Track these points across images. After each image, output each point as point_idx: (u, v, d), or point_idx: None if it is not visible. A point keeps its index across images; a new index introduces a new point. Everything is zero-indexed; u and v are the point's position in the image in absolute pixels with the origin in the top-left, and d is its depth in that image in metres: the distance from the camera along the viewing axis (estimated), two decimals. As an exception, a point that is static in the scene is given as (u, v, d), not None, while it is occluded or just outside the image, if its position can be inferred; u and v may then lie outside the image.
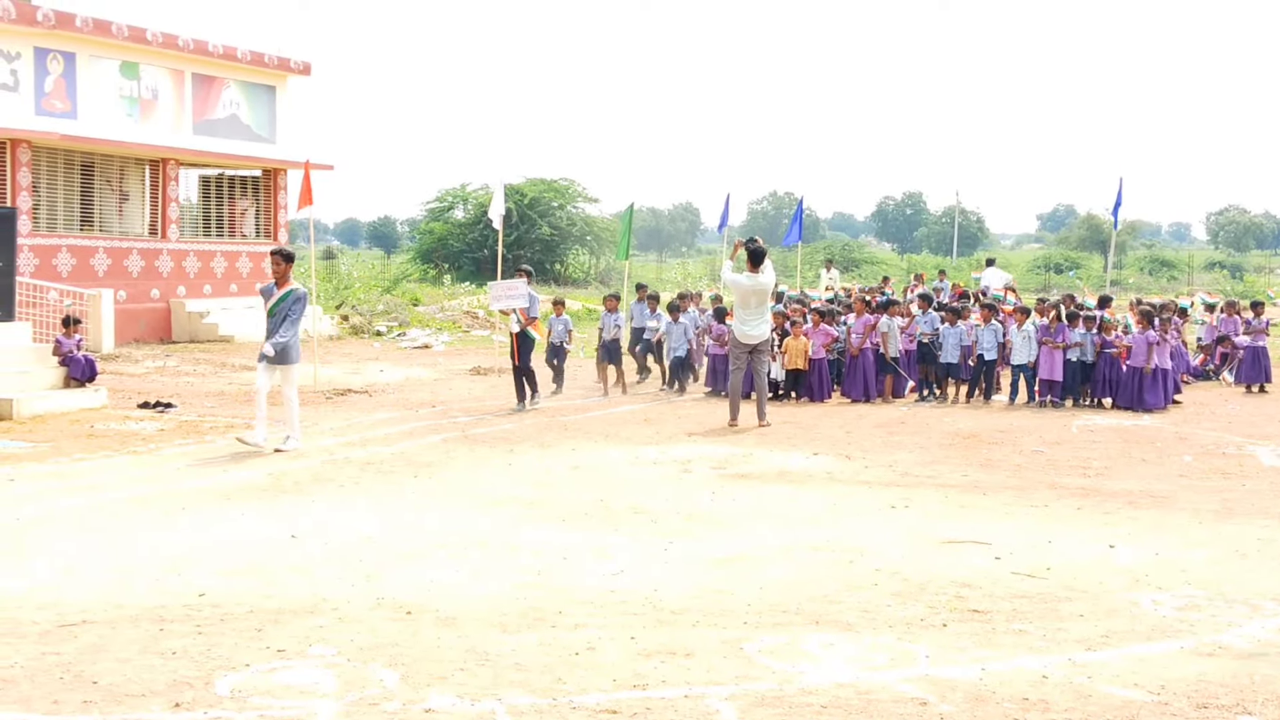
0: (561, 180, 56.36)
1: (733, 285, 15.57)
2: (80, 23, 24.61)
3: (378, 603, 7.11)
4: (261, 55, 29.16)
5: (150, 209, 27.96)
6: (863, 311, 18.53)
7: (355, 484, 10.97)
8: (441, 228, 54.37)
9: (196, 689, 5.62)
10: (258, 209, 30.46)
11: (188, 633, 6.46)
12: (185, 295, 27.56)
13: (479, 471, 11.71)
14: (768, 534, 9.10)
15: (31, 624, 6.58)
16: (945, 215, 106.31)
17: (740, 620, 6.86)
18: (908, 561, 8.26)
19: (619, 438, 13.98)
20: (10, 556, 8.12)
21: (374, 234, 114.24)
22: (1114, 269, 48.68)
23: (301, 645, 6.28)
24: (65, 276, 24.16)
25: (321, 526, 9.14)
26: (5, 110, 23.45)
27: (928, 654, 6.30)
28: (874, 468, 12.19)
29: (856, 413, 16.69)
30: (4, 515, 9.38)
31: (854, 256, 65.59)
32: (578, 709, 5.46)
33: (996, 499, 10.61)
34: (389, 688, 5.69)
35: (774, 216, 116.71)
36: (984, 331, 17.76)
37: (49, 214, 25.28)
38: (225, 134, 28.58)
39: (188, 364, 21.92)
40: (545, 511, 9.86)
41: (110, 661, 5.98)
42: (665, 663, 6.09)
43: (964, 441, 14.02)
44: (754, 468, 12.13)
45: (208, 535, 8.82)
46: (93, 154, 26.19)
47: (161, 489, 10.55)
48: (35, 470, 11.40)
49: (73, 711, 5.33)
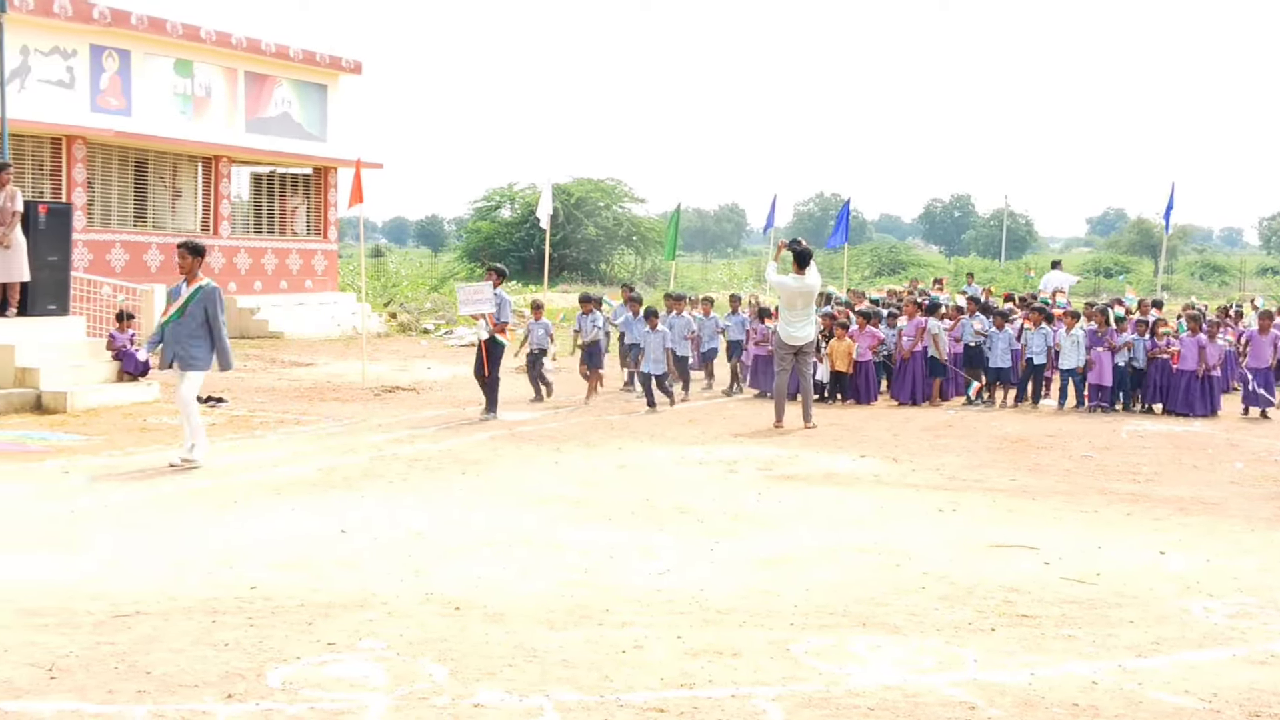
0: (608, 180, 56.50)
1: (778, 287, 15.55)
2: (135, 20, 24.90)
3: (426, 598, 7.16)
4: (314, 54, 29.40)
5: (202, 206, 28.28)
6: (914, 314, 18.44)
7: (404, 480, 11.04)
8: (489, 227, 54.61)
9: (248, 680, 5.68)
10: (308, 207, 30.72)
11: (239, 625, 6.53)
12: (236, 291, 27.82)
13: (526, 469, 11.75)
14: (814, 535, 9.08)
15: (86, 614, 6.67)
16: (994, 218, 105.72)
17: (787, 621, 6.85)
18: (955, 565, 8.23)
19: (665, 438, 13.99)
20: (65, 548, 8.23)
21: (421, 232, 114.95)
22: (1165, 274, 48.23)
23: (351, 639, 6.34)
24: (119, 272, 24.45)
25: (370, 522, 9.21)
26: (61, 107, 23.78)
27: (976, 658, 6.27)
28: (921, 471, 12.14)
29: (904, 415, 16.63)
30: (59, 507, 9.51)
31: (900, 259, 65.33)
32: (625, 707, 5.48)
33: (1045, 504, 10.54)
34: (438, 682, 5.73)
35: (820, 218, 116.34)
36: (1033, 335, 17.64)
37: (103, 210, 25.62)
38: (277, 132, 28.85)
39: (238, 359, 22.06)
40: (591, 510, 9.89)
41: (164, 652, 6.05)
42: (712, 662, 6.10)
43: (1012, 446, 13.93)
44: (800, 469, 12.11)
45: (259, 529, 8.91)
46: (146, 151, 26.51)
47: (213, 482, 10.66)
48: (89, 463, 11.54)
49: (127, 701, 5.40)
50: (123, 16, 24.67)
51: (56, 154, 24.37)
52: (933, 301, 19.68)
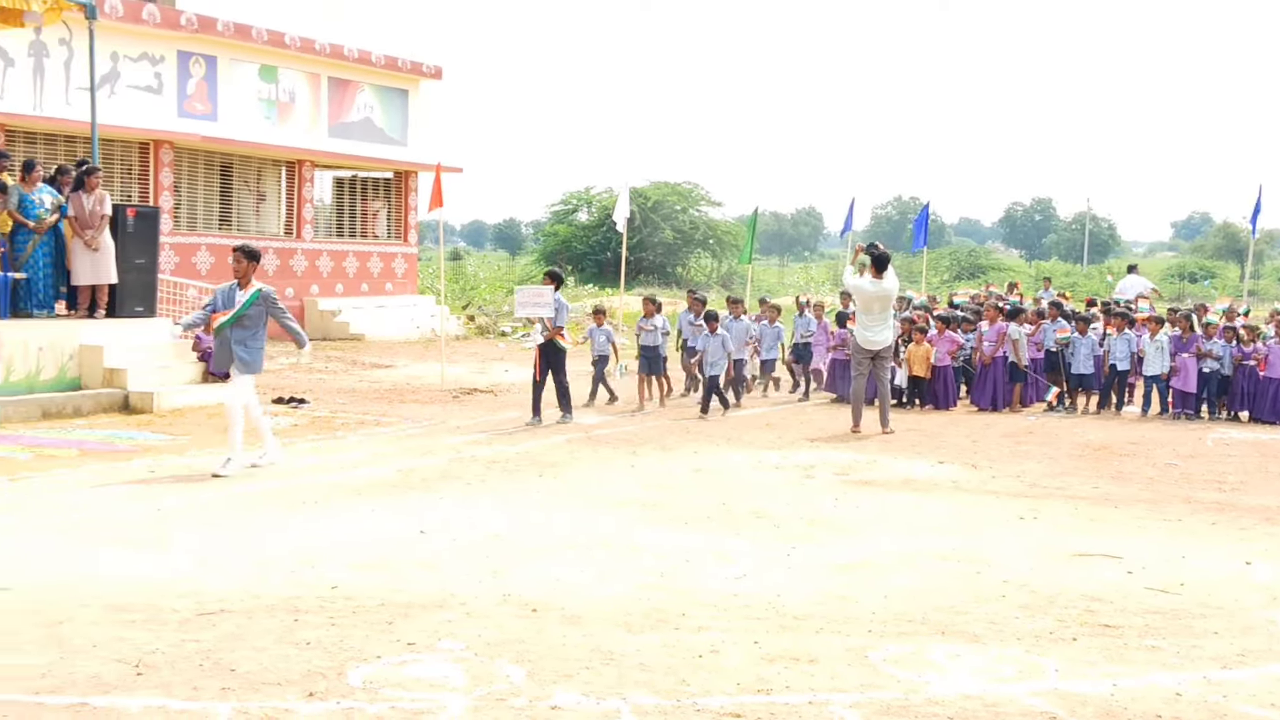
0: (685, 184, 56.60)
1: (855, 291, 15.46)
2: (221, 27, 25.34)
3: (504, 599, 7.20)
4: (395, 59, 29.72)
5: (286, 209, 28.72)
6: (995, 319, 18.25)
7: (481, 482, 11.12)
8: (566, 230, 54.89)
9: (330, 679, 5.76)
10: (389, 210, 31.06)
11: (321, 624, 6.61)
12: (318, 294, 28.21)
13: (602, 472, 11.79)
14: (892, 542, 9.02)
15: (172, 611, 6.79)
16: (1076, 222, 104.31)
17: (864, 628, 6.82)
18: (1036, 573, 8.13)
19: (741, 441, 13.97)
20: (151, 546, 8.39)
21: (499, 235, 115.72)
22: (1251, 279, 47.28)
23: (430, 639, 6.40)
24: (204, 274, 24.88)
25: (448, 523, 9.29)
26: (149, 112, 24.26)
27: (1057, 668, 6.20)
28: (1001, 478, 12.01)
29: (983, 421, 16.46)
30: (145, 506, 9.70)
31: (980, 263, 64.61)
32: (701, 711, 5.48)
33: (1128, 512, 10.39)
34: (516, 684, 5.77)
35: (898, 221, 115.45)
36: (1116, 341, 17.40)
37: (189, 213, 26.09)
38: (359, 136, 29.21)
39: (320, 361, 22.43)
40: (667, 513, 9.89)
41: (247, 650, 6.14)
42: (789, 668, 6.08)
43: (1094, 453, 13.74)
44: (878, 474, 12.04)
45: (339, 529, 9.02)
46: (231, 155, 26.96)
47: (295, 483, 10.81)
48: (174, 462, 11.76)
49: (211, 698, 5.49)
50: (209, 23, 25.12)
51: (144, 158, 24.87)
52: (1014, 306, 19.47)
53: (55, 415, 14.30)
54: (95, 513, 9.38)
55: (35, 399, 14.36)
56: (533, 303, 15.47)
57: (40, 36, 21.96)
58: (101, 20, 18.37)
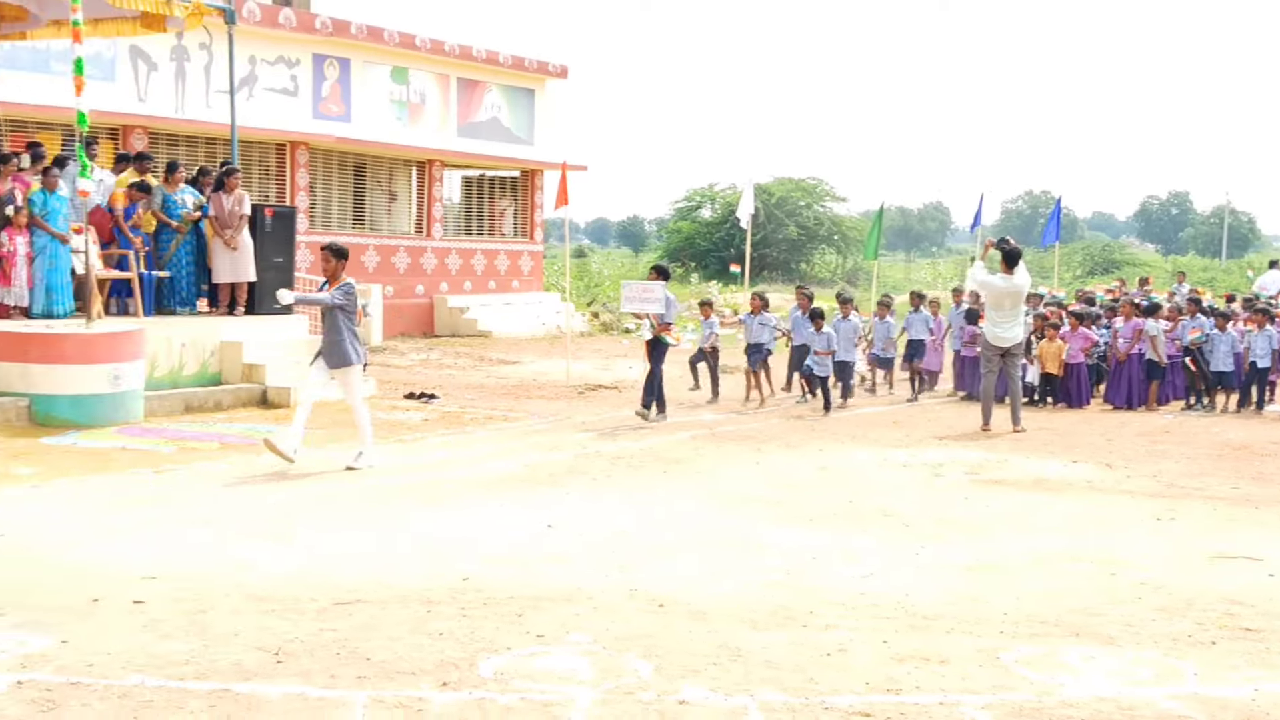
0: (809, 179, 56.32)
1: (985, 287, 15.22)
2: (355, 30, 25.86)
3: (631, 594, 7.25)
4: (522, 60, 30.04)
5: (416, 208, 29.21)
6: (1131, 315, 17.84)
7: (607, 477, 11.20)
8: (689, 227, 54.95)
9: (462, 670, 5.85)
10: (515, 209, 31.41)
11: (453, 615, 6.73)
12: (447, 291, 28.64)
13: (726, 469, 11.79)
14: (1023, 542, 8.88)
15: (309, 601, 6.96)
16: (1214, 215, 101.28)
17: (996, 629, 6.72)
18: (1173, 575, 7.94)
19: (867, 439, 13.86)
20: (287, 537, 8.60)
21: (623, 233, 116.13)
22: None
23: (560, 632, 6.47)
24: (337, 272, 25.38)
25: (575, 518, 9.37)
26: (286, 114, 24.87)
27: (1196, 672, 6.05)
28: (1137, 477, 11.74)
29: (1118, 420, 16.11)
30: (283, 497, 9.95)
31: (1114, 258, 63.14)
32: (830, 710, 5.46)
33: (1270, 513, 10.08)
34: (643, 678, 5.81)
35: (1029, 216, 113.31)
36: (1257, 338, 16.89)
37: (324, 212, 26.69)
38: (486, 136, 29.59)
39: (449, 357, 22.80)
40: (792, 511, 9.86)
41: (381, 639, 6.28)
42: (919, 668, 6.03)
43: (1234, 453, 13.36)
44: (1009, 474, 11.85)
45: (470, 522, 9.16)
46: (364, 155, 27.51)
47: (426, 477, 11.01)
48: (309, 456, 12.02)
49: (348, 686, 5.62)
50: (343, 26, 25.66)
51: (281, 159, 25.50)
52: (1151, 303, 19.01)
53: (197, 409, 14.75)
54: (234, 505, 9.65)
55: (178, 393, 14.82)
56: (640, 298, 15.27)
57: (181, 41, 22.64)
58: (240, 25, 18.89)
